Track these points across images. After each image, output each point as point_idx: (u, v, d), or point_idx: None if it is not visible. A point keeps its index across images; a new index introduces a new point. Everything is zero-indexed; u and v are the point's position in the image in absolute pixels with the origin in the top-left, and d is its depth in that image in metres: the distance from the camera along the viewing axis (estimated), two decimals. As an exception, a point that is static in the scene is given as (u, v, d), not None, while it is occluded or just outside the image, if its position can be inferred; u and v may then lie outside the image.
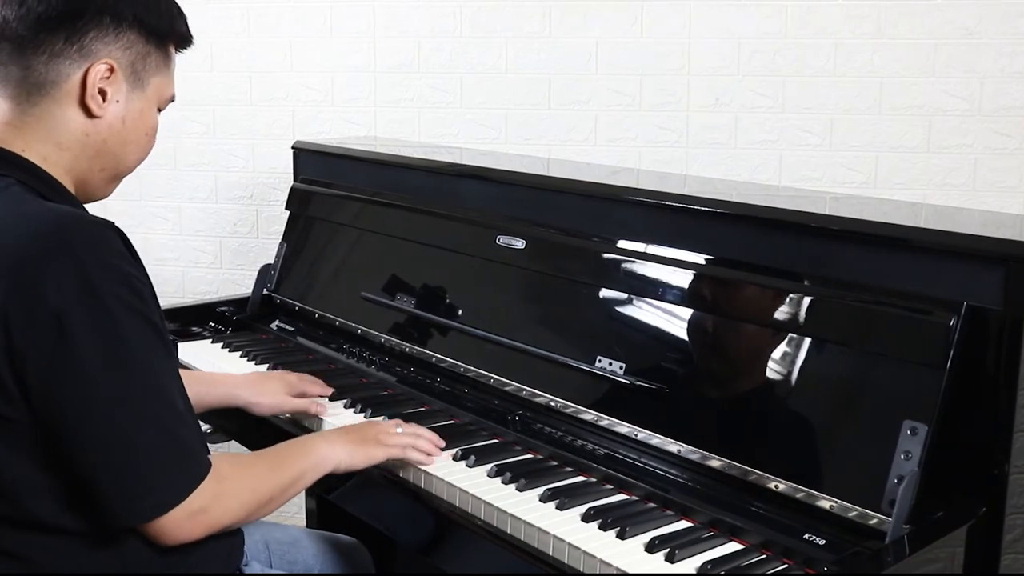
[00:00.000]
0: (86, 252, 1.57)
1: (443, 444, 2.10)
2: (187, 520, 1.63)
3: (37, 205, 1.67)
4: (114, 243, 1.62)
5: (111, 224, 1.65)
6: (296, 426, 2.36)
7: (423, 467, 2.03)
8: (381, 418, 2.26)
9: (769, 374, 1.95)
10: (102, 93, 1.74)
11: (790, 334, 1.93)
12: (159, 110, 1.87)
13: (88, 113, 1.74)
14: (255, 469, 1.82)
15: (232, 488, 1.72)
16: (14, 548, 1.63)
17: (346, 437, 2.01)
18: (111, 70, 1.74)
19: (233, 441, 2.67)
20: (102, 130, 1.76)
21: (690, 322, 2.10)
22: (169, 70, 1.87)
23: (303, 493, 2.54)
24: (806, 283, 1.94)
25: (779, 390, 1.93)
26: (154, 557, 1.67)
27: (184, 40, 1.89)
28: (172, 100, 1.90)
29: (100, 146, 1.77)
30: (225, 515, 1.71)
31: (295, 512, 3.63)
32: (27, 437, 1.59)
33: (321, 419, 2.32)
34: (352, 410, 2.36)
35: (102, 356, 1.56)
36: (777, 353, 1.94)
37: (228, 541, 1.84)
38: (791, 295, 1.94)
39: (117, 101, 1.76)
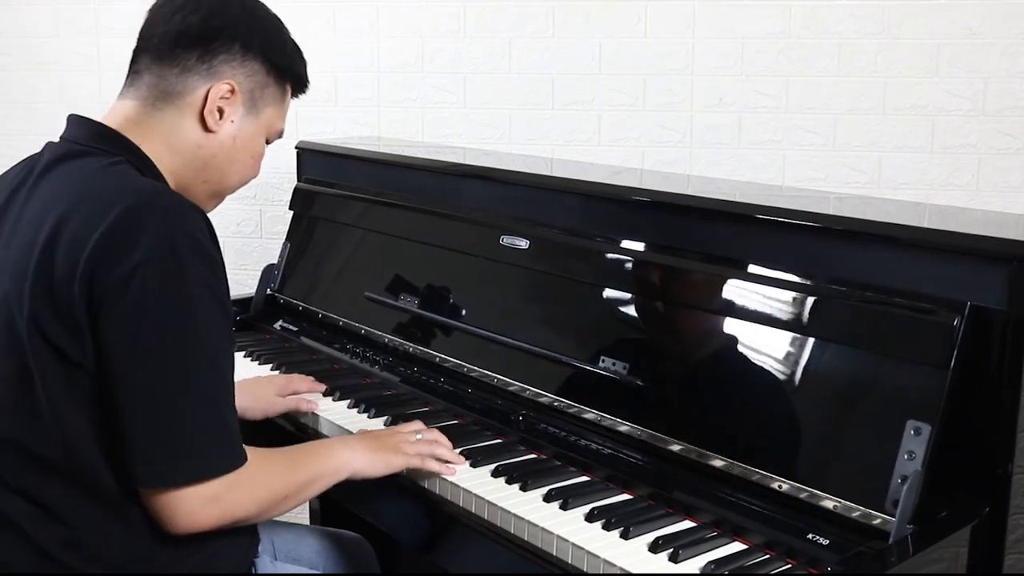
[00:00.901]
0: (179, 225, 1.67)
1: (461, 460, 2.08)
2: (201, 505, 1.67)
3: (144, 180, 1.79)
4: (203, 224, 1.72)
5: (202, 210, 1.77)
6: (292, 423, 2.39)
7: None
8: (385, 418, 2.27)
9: (772, 374, 1.95)
10: (220, 111, 1.88)
11: (793, 334, 1.93)
12: (268, 141, 2.01)
13: (204, 127, 1.88)
14: (272, 466, 1.84)
15: (247, 482, 1.73)
16: (43, 492, 1.70)
17: (366, 443, 2.01)
18: (232, 91, 1.88)
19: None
20: (213, 145, 1.89)
21: (693, 322, 2.10)
22: (283, 106, 2.02)
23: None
24: (810, 283, 1.94)
25: (782, 390, 1.93)
26: (177, 539, 1.71)
27: (301, 82, 2.05)
28: (280, 136, 2.05)
29: (208, 160, 1.90)
30: (237, 508, 1.73)
31: (299, 510, 3.62)
32: (90, 386, 1.66)
33: (316, 415, 2.35)
34: (356, 410, 2.36)
35: (168, 314, 1.64)
36: (780, 353, 1.94)
37: (246, 539, 1.89)
38: (795, 295, 1.94)
39: (232, 121, 1.90)
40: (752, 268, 2.03)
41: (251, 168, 2.00)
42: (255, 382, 2.45)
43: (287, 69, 1.99)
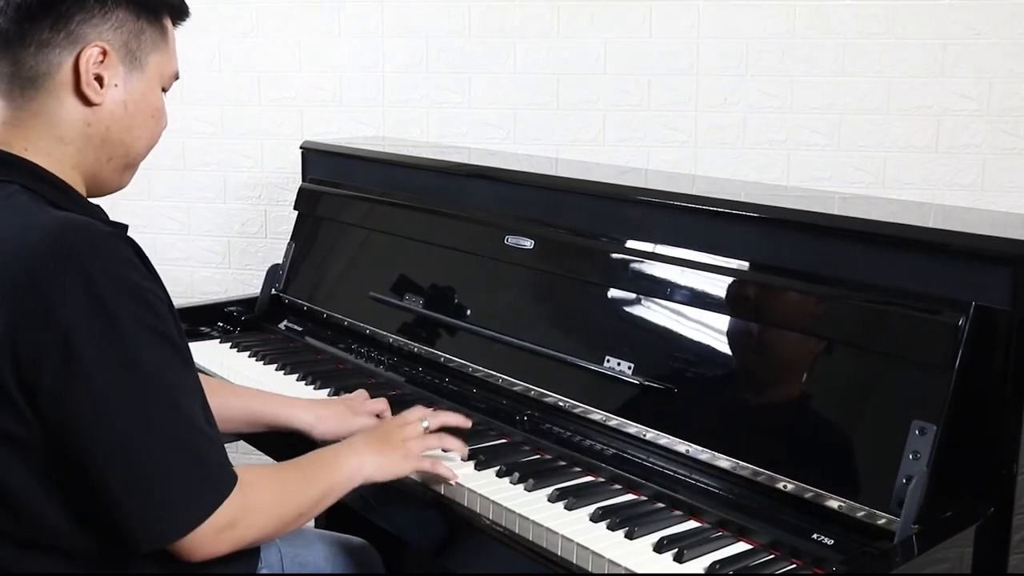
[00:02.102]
0: (94, 265, 1.51)
1: (465, 451, 2.06)
2: (214, 536, 1.58)
3: (44, 215, 1.58)
4: (125, 254, 1.56)
5: (122, 234, 1.61)
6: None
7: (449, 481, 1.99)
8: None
9: (777, 374, 1.95)
10: (98, 79, 1.66)
11: (798, 334, 1.93)
12: (164, 90, 1.79)
13: (86, 101, 1.67)
14: (283, 482, 1.76)
15: (259, 501, 1.66)
16: (18, 568, 1.60)
17: (372, 446, 1.93)
18: (104, 53, 1.66)
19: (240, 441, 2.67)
20: (104, 118, 1.69)
21: (699, 323, 2.10)
22: (168, 45, 1.78)
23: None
24: (815, 283, 1.94)
25: (787, 390, 1.93)
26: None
27: (178, 11, 1.81)
28: (176, 78, 1.82)
29: (104, 135, 1.70)
30: (252, 529, 1.65)
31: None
32: (38, 456, 1.54)
33: None
34: (361, 410, 2.36)
35: (113, 373, 1.50)
36: (785, 353, 1.95)
37: (244, 561, 1.81)
38: (800, 295, 1.94)
39: (115, 85, 1.69)
40: (757, 268, 2.03)
41: (155, 127, 1.77)
42: (328, 402, 2.33)
43: (158, 3, 1.74)
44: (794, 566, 1.71)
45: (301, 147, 3.26)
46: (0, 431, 1.52)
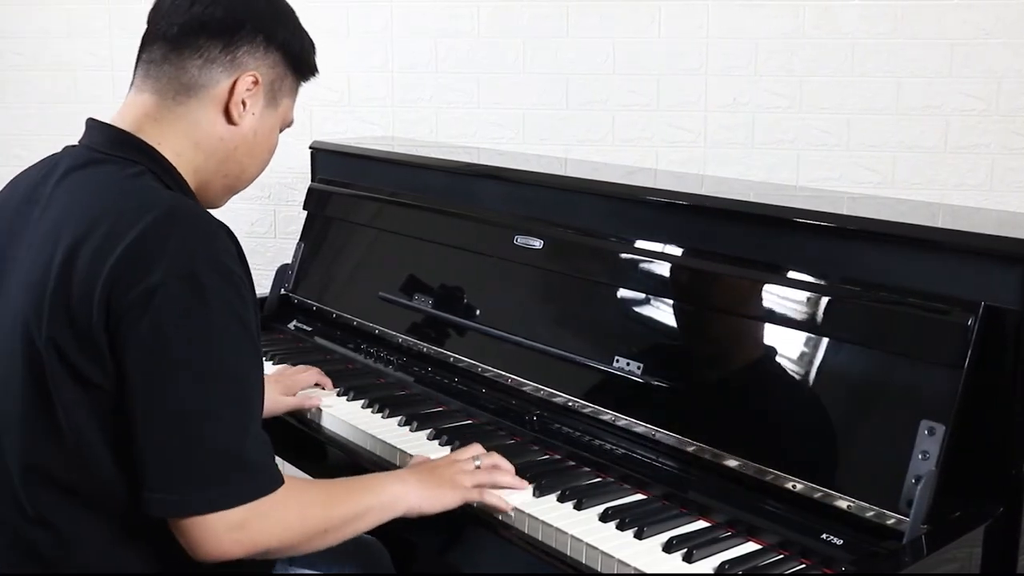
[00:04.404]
0: (199, 241, 1.63)
1: (524, 484, 1.99)
2: (224, 533, 1.60)
3: (165, 192, 1.74)
4: (227, 243, 1.68)
5: (227, 227, 1.72)
6: (298, 420, 2.41)
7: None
8: (399, 418, 2.28)
9: (786, 374, 1.95)
10: (243, 103, 1.84)
11: (807, 334, 1.93)
12: (279, 131, 1.97)
13: (229, 119, 1.84)
14: (310, 496, 1.75)
15: (278, 510, 1.66)
16: (65, 519, 1.67)
17: (420, 477, 1.92)
18: (256, 83, 1.84)
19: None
20: (235, 138, 1.86)
21: (707, 322, 2.10)
22: (295, 96, 1.98)
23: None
24: (823, 283, 1.94)
25: (796, 390, 1.93)
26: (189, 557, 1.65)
27: (312, 72, 2.01)
28: (290, 126, 2.01)
29: (231, 153, 1.87)
30: (264, 537, 1.65)
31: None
32: (108, 403, 1.62)
33: (319, 409, 2.38)
34: (369, 410, 2.36)
35: (186, 337, 1.59)
36: (794, 353, 1.94)
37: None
38: (808, 295, 1.94)
39: (253, 114, 1.86)
40: (766, 268, 2.03)
41: (266, 161, 1.97)
42: None
43: (304, 61, 1.96)
44: (803, 566, 1.71)
45: (310, 147, 3.26)
46: (82, 376, 1.61)
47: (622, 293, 2.25)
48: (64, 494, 1.67)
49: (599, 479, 2.01)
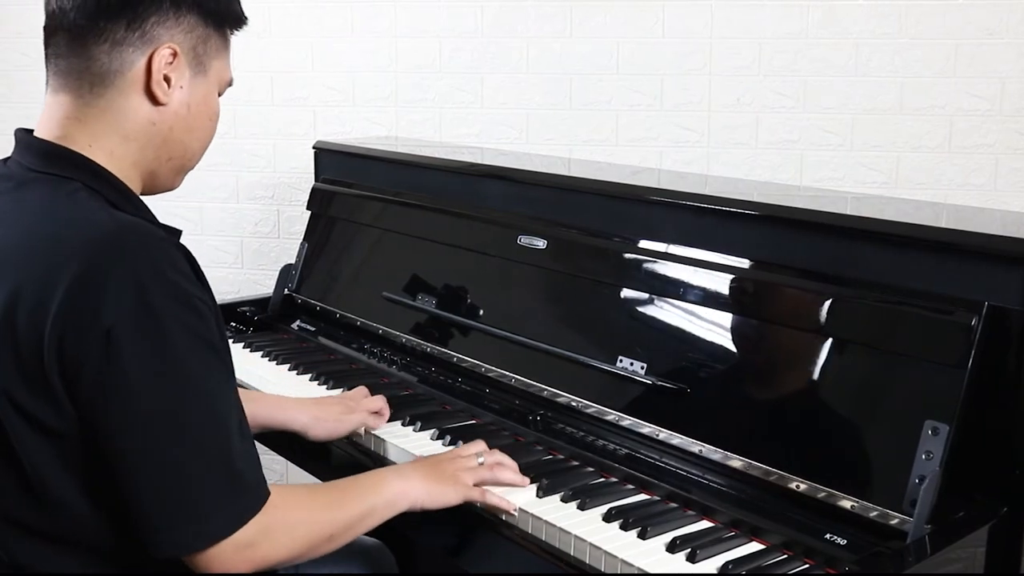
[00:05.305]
0: (146, 267, 1.53)
1: (525, 481, 1.99)
2: (234, 554, 1.56)
3: (103, 213, 1.61)
4: (177, 260, 1.58)
5: (176, 241, 1.65)
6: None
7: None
8: (401, 419, 2.28)
9: (790, 374, 1.95)
10: (166, 80, 1.69)
11: (811, 334, 1.93)
12: (219, 94, 1.83)
13: (154, 100, 1.70)
14: (312, 503, 1.73)
15: (283, 522, 1.64)
16: (51, 565, 1.61)
17: (422, 472, 1.90)
18: (174, 55, 1.69)
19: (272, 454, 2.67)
20: (168, 118, 1.72)
21: (711, 322, 2.10)
22: (227, 53, 1.83)
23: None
24: (827, 283, 1.94)
25: (800, 390, 1.93)
26: None
27: (240, 21, 1.85)
28: (230, 84, 1.87)
29: (167, 134, 1.73)
30: (274, 551, 1.62)
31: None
32: (75, 451, 1.55)
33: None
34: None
35: (152, 374, 1.51)
36: (798, 353, 1.94)
37: None
38: (812, 295, 1.94)
39: (181, 87, 1.72)
40: (769, 268, 2.03)
41: (210, 130, 1.82)
42: (324, 400, 2.33)
43: (224, 13, 1.79)
44: (807, 566, 1.71)
45: (314, 147, 3.26)
46: (40, 423, 1.54)
47: (626, 293, 2.25)
48: (47, 543, 1.61)
49: (602, 479, 2.02)
